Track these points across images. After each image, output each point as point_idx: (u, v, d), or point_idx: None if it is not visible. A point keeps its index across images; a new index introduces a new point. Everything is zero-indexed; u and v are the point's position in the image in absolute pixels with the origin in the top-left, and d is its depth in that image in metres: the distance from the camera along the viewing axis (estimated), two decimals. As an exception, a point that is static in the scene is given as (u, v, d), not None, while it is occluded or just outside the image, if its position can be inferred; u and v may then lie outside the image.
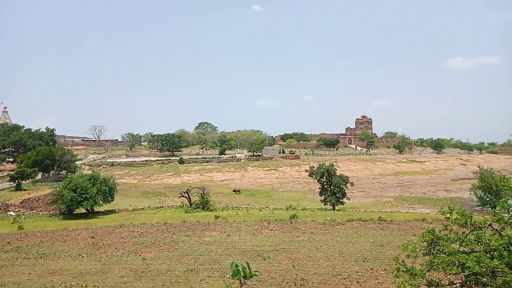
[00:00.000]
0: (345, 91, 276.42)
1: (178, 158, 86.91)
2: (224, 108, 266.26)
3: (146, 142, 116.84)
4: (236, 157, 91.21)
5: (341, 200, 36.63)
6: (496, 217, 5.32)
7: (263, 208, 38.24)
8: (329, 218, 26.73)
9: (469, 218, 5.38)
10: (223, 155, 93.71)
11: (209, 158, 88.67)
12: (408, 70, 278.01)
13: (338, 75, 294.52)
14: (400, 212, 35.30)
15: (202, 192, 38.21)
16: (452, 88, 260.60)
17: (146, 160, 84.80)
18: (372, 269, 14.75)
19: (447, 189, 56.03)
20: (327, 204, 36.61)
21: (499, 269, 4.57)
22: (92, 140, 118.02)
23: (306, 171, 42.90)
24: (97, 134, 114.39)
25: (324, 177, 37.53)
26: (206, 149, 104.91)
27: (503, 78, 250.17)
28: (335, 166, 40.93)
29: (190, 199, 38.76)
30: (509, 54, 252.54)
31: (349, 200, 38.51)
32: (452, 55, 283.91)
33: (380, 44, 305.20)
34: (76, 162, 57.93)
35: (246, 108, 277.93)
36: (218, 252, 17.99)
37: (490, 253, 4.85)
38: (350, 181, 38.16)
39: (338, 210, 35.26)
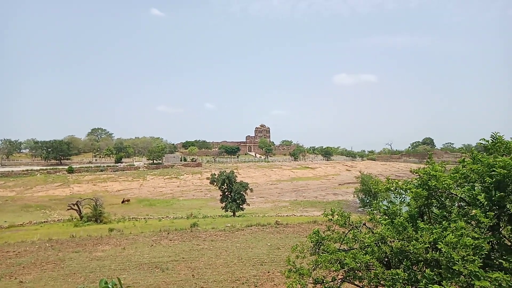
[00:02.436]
0: (245, 100, 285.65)
1: (67, 167, 78.87)
2: (121, 113, 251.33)
3: (28, 149, 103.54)
4: (134, 165, 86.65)
5: (241, 206, 37.51)
6: (369, 217, 6.05)
7: (163, 218, 37.00)
8: (229, 225, 27.10)
9: (348, 219, 6.02)
10: (119, 164, 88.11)
11: (104, 166, 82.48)
12: (302, 83, 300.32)
13: (239, 85, 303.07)
14: (295, 215, 37.59)
15: (94, 203, 35.34)
16: (338, 101, 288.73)
17: (27, 170, 74.96)
18: (269, 272, 15.37)
19: (335, 192, 61.58)
20: (228, 210, 37.12)
21: (371, 263, 5.19)
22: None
23: (208, 178, 42.98)
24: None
25: (225, 184, 38.05)
26: (100, 157, 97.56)
27: (380, 94, 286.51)
28: (235, 173, 41.84)
29: (80, 212, 35.51)
30: (385, 73, 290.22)
31: (249, 205, 39.69)
32: (338, 71, 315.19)
33: (275, 55, 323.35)
34: None
35: (145, 115, 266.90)
36: (111, 267, 16.78)
37: (365, 249, 5.47)
38: (250, 188, 39.38)
39: (238, 216, 35.97)
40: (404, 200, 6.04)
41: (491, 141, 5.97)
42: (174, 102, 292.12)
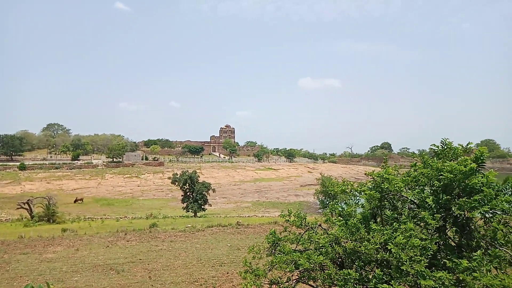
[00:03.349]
0: (211, 100, 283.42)
1: (18, 163, 74.49)
2: (80, 109, 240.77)
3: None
4: (92, 163, 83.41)
5: (203, 206, 37.13)
6: (325, 218, 6.15)
7: (121, 218, 35.85)
8: (189, 225, 26.72)
9: (304, 220, 6.09)
10: (76, 161, 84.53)
11: (59, 164, 78.76)
12: (268, 85, 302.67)
13: (205, 84, 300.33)
14: (256, 216, 37.72)
15: (47, 202, 33.57)
16: (303, 104, 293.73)
17: (-28, 166, 70.16)
18: (228, 273, 15.28)
19: (297, 194, 62.52)
20: (189, 211, 36.62)
21: (325, 264, 5.27)
22: None
23: (169, 178, 42.16)
24: None
25: (187, 184, 37.50)
26: (55, 154, 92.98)
27: (342, 99, 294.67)
28: (198, 173, 41.38)
29: (31, 211, 33.61)
30: (348, 79, 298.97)
31: (211, 206, 39.36)
32: (304, 75, 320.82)
33: (243, 56, 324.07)
34: None
35: (106, 111, 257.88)
36: (63, 270, 15.99)
37: (319, 250, 5.55)
38: (213, 188, 39.07)
39: (199, 217, 35.58)
40: (358, 202, 6.20)
41: (440, 146, 6.27)
42: (138, 99, 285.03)
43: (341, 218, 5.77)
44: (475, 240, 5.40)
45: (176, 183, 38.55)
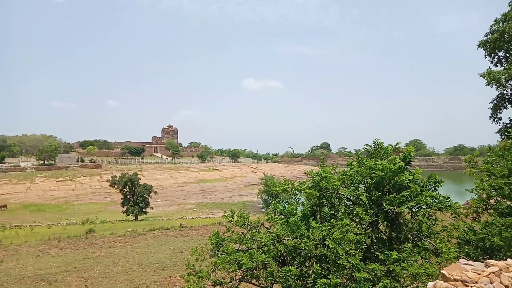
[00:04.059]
0: (152, 99, 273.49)
1: None
2: (4, 107, 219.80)
3: None
4: (20, 166, 76.83)
5: (144, 209, 35.93)
6: (267, 217, 6.28)
7: (53, 224, 33.44)
8: (130, 229, 25.71)
9: (247, 220, 6.17)
10: (1, 164, 77.31)
11: (-20, 167, 71.48)
12: (212, 85, 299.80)
13: (146, 82, 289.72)
14: (200, 217, 37.33)
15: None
16: (247, 105, 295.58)
17: None
18: (170, 277, 14.96)
19: (241, 194, 62.88)
20: (129, 215, 35.22)
21: (267, 262, 5.38)
22: None
23: (108, 181, 40.21)
24: None
25: (127, 187, 36.04)
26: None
27: (285, 99, 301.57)
28: (139, 175, 39.95)
29: None
30: (289, 80, 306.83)
31: (153, 209, 38.23)
32: (247, 76, 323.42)
33: (186, 55, 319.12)
34: None
35: (35, 109, 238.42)
36: (-16, 284, 14.57)
37: (262, 248, 5.66)
38: (154, 190, 37.97)
39: (140, 220, 34.37)
40: (299, 200, 6.42)
41: (373, 146, 6.70)
42: (72, 97, 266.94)
43: (283, 217, 5.93)
44: (404, 233, 5.85)
45: (115, 186, 36.85)
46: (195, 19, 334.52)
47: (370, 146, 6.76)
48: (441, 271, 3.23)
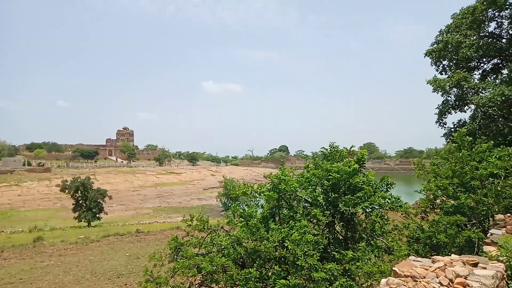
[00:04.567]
0: (107, 101, 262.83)
1: None
2: None
3: None
4: (-43, 170, 70.91)
5: (98, 215, 34.45)
6: (227, 220, 6.28)
7: (-4, 233, 31.16)
8: (82, 236, 24.56)
9: (206, 223, 6.13)
10: None
11: None
12: (170, 87, 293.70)
13: (100, 83, 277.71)
14: (158, 222, 36.44)
15: None
16: (206, 108, 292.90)
17: None
18: (126, 284, 14.46)
19: (199, 197, 62.15)
20: (81, 221, 33.61)
21: (227, 265, 5.38)
22: None
23: (58, 185, 38.06)
24: None
25: (79, 192, 34.37)
26: None
27: (244, 103, 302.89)
28: (92, 179, 38.31)
29: None
30: (248, 84, 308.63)
31: (107, 214, 36.78)
32: (206, 79, 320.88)
33: (143, 56, 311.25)
34: None
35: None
36: None
37: (222, 252, 5.64)
38: (109, 195, 36.56)
39: (94, 227, 32.93)
40: (258, 203, 6.48)
41: (329, 149, 6.92)
42: (17, 97, 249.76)
43: (243, 219, 5.96)
44: (358, 232, 6.09)
45: (66, 191, 35.00)
46: (152, 19, 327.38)
47: (326, 149, 6.98)
48: (393, 268, 3.41)
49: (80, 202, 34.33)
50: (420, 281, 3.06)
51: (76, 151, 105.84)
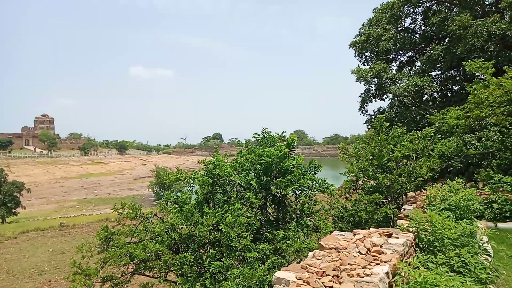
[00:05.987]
0: (22, 86, 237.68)
1: None
2: None
3: None
4: None
5: (14, 210, 31.51)
6: (160, 207, 6.21)
7: None
8: (-4, 234, 22.35)
9: (139, 211, 6.00)
10: None
11: None
12: (93, 71, 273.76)
13: (13, 66, 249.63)
14: (84, 215, 34.42)
15: None
16: (135, 94, 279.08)
17: None
18: (50, 281, 13.58)
19: (130, 187, 59.72)
20: (-6, 217, 30.51)
21: (161, 251, 5.36)
22: None
23: (-37, 179, 33.96)
24: None
25: (-9, 185, 31.09)
26: None
27: (176, 89, 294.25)
28: (6, 172, 34.84)
29: None
30: (180, 69, 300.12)
31: (25, 209, 33.83)
32: (135, 63, 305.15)
33: (61, 36, 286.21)
34: None
35: None
36: None
37: (155, 239, 5.60)
38: (27, 188, 33.58)
39: (9, 223, 30.10)
40: (192, 189, 6.50)
41: (261, 135, 7.14)
42: None
43: (176, 206, 5.94)
44: (289, 213, 6.43)
45: (-26, 185, 31.43)
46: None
47: (259, 135, 7.19)
48: (319, 242, 3.70)
49: (-7, 196, 31.08)
50: (342, 251, 3.38)
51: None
